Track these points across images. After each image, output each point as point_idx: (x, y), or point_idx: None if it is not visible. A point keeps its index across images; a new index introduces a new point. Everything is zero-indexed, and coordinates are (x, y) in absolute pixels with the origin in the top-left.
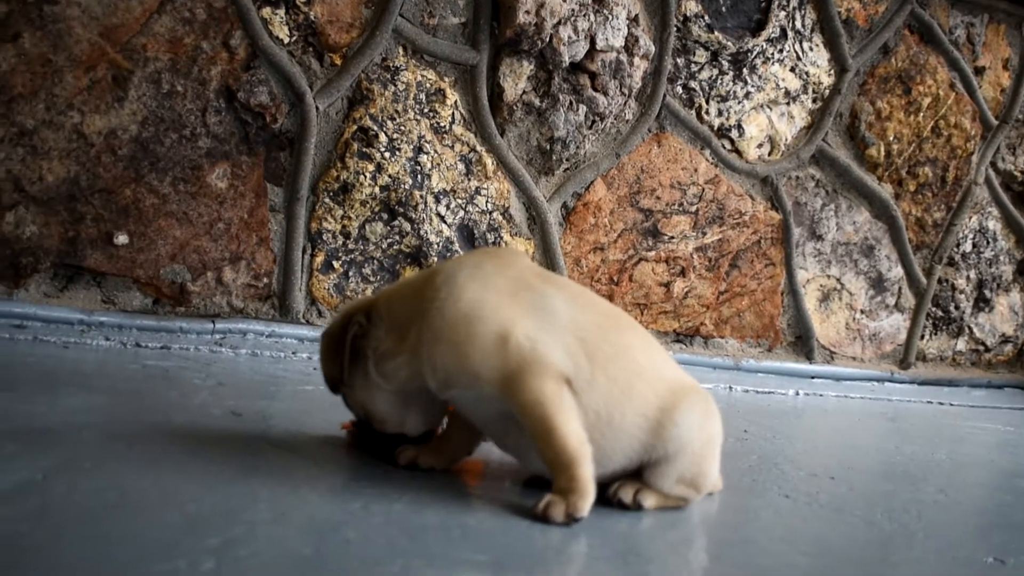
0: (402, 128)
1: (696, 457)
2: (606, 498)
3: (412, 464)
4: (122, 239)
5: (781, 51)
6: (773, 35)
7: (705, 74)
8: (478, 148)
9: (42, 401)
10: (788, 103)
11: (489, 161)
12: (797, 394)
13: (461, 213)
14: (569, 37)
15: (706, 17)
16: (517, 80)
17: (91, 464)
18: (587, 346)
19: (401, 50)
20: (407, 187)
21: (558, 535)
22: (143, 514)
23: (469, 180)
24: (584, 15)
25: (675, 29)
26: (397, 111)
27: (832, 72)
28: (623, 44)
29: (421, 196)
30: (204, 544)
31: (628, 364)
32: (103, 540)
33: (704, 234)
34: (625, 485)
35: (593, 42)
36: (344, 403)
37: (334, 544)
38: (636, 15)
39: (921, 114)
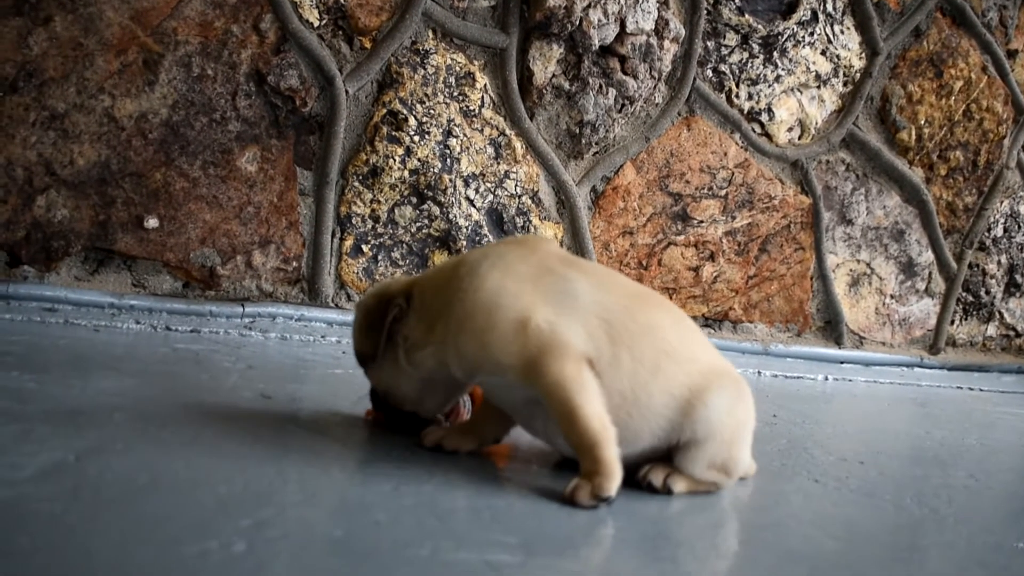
0: (431, 112)
1: (726, 442)
2: (636, 481)
3: (437, 446)
4: (152, 223)
5: (812, 34)
6: (804, 18)
7: (735, 57)
8: (507, 132)
9: (74, 383)
10: (819, 86)
11: (518, 145)
12: (826, 379)
13: (490, 197)
14: (599, 20)
15: (736, 0)
16: (547, 63)
17: (123, 446)
18: (611, 327)
19: (431, 33)
20: (436, 171)
21: (587, 518)
22: (175, 495)
23: (498, 164)
24: None
25: (705, 12)
26: (427, 94)
27: (863, 55)
28: (653, 27)
29: (450, 180)
30: (235, 525)
31: (656, 343)
32: (135, 521)
33: (733, 218)
34: (655, 469)
35: (623, 25)
36: (365, 374)
37: (364, 526)
38: None
39: (953, 98)
